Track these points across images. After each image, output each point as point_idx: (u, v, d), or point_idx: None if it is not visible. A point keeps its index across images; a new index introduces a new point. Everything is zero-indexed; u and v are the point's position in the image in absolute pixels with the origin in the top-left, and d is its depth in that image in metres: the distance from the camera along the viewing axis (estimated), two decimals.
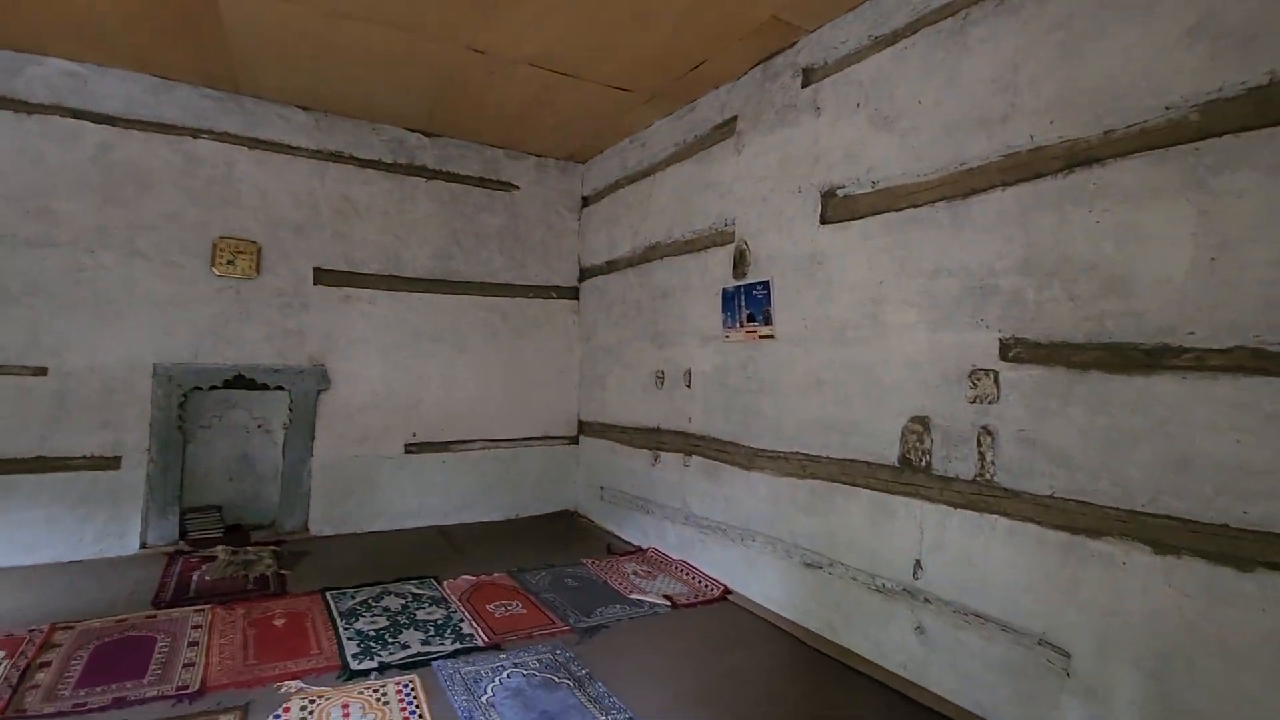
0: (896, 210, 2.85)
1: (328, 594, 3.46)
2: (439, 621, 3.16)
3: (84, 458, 3.90)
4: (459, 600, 3.44)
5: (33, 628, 2.92)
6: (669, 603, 3.48)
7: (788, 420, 3.37)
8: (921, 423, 2.69)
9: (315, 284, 4.58)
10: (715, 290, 3.95)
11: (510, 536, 4.75)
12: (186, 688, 2.49)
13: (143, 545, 4.02)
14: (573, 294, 5.60)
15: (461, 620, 3.19)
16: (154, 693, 2.45)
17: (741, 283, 3.72)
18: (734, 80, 3.88)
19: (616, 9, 3.14)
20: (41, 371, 3.83)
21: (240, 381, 4.33)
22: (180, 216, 4.18)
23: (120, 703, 2.38)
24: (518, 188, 5.39)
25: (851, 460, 3.00)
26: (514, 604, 3.44)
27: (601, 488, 5.11)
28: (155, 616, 3.13)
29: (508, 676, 2.65)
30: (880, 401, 2.88)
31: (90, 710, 2.33)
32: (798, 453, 3.29)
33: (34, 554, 3.77)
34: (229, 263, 4.30)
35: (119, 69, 4.04)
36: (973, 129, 2.55)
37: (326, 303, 4.61)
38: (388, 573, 3.82)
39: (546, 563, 4.11)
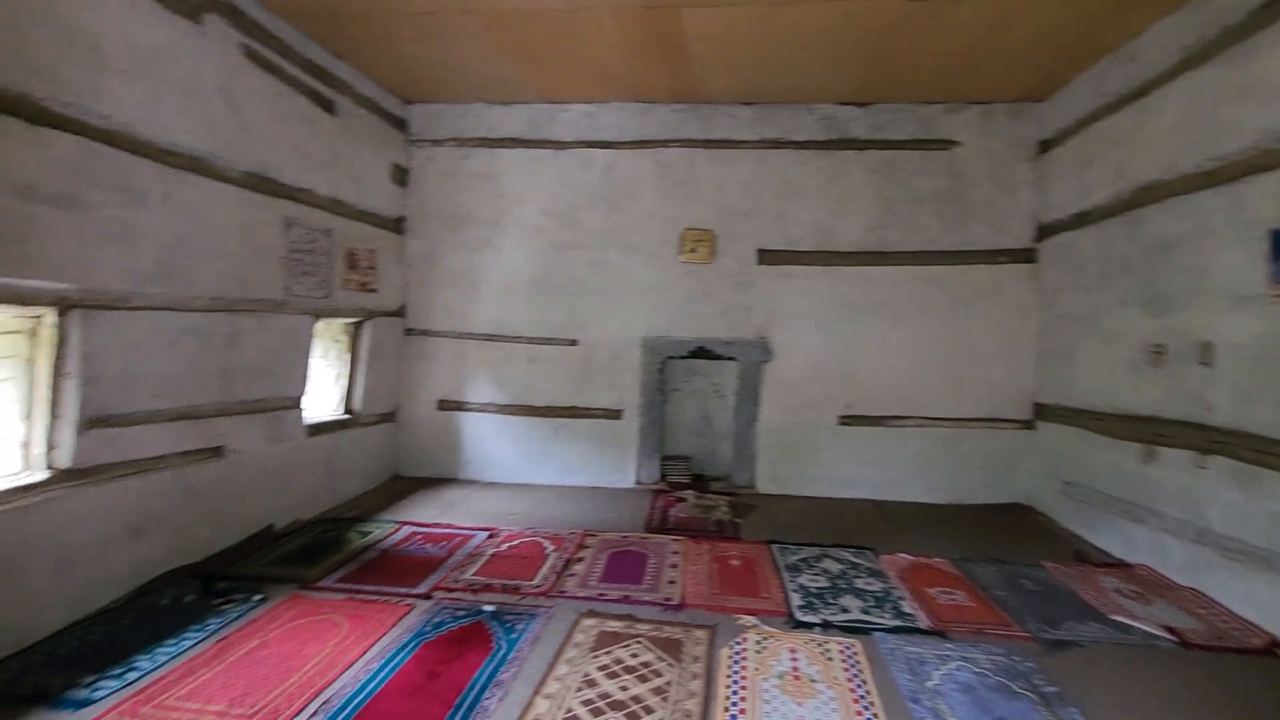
0: None
1: (773, 546, 3.81)
2: (878, 594, 3.17)
3: (600, 409, 5.12)
4: (897, 576, 3.39)
5: (572, 531, 3.99)
6: (1173, 637, 2.76)
7: None
8: None
9: (759, 263, 5.02)
10: (1256, 233, 2.90)
11: (951, 521, 4.43)
12: (670, 599, 3.06)
13: (637, 481, 5.09)
14: (1026, 256, 4.84)
15: (901, 598, 3.13)
16: (648, 597, 3.08)
17: None
18: None
19: None
20: (573, 343, 5.16)
21: (701, 352, 5.06)
22: (657, 215, 5.08)
23: (626, 599, 3.07)
24: (958, 144, 4.89)
25: None
26: (957, 593, 3.21)
27: (1067, 483, 4.34)
28: (646, 538, 3.92)
29: (956, 669, 2.49)
30: None
31: (608, 600, 3.06)
32: None
33: (572, 477, 5.14)
34: (691, 250, 5.04)
35: (616, 101, 5.08)
36: None
37: (769, 280, 5.02)
38: (825, 536, 3.99)
39: (994, 557, 3.71)
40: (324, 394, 4.60)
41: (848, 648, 2.64)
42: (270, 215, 3.68)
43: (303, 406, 4.07)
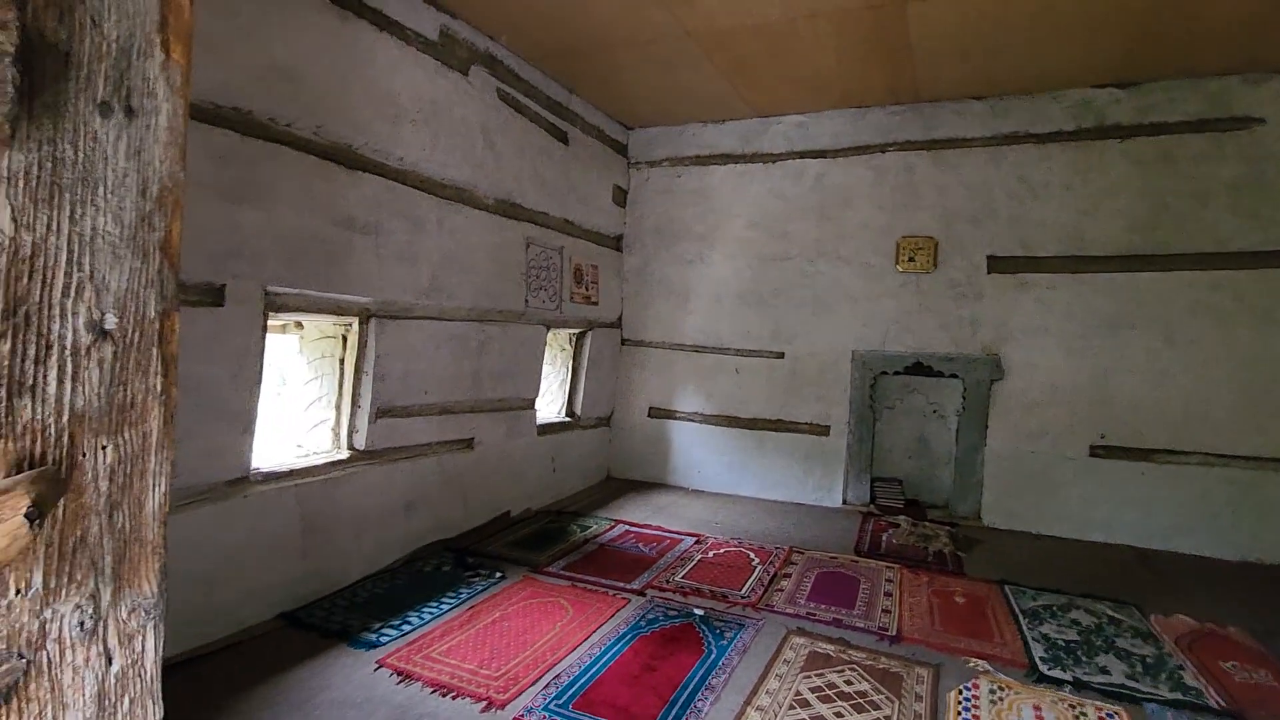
0: None
1: (1006, 587, 3.42)
2: (1148, 659, 2.69)
3: (806, 424, 5.00)
4: (1174, 643, 2.85)
5: (778, 546, 3.94)
6: None
7: None
8: None
9: (989, 272, 4.57)
10: None
11: (1245, 583, 3.63)
12: (886, 630, 2.89)
13: (844, 501, 4.88)
14: None
15: (1180, 668, 2.63)
16: (860, 624, 2.94)
17: None
18: None
19: None
20: (779, 355, 5.10)
21: (918, 368, 4.72)
22: (871, 223, 4.86)
23: (838, 623, 2.95)
24: (1261, 121, 4.03)
25: None
26: (1259, 672, 2.62)
27: None
28: (857, 562, 3.74)
29: None
30: None
31: (818, 620, 2.97)
32: None
33: (775, 491, 5.08)
34: (909, 259, 4.74)
35: (829, 110, 4.97)
36: None
37: (1000, 290, 4.54)
38: (1071, 583, 3.49)
39: None
40: (551, 397, 5.08)
41: (1110, 716, 2.28)
42: (514, 236, 4.17)
43: (536, 408, 4.53)
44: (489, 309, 3.96)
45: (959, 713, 2.27)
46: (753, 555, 3.76)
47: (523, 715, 2.17)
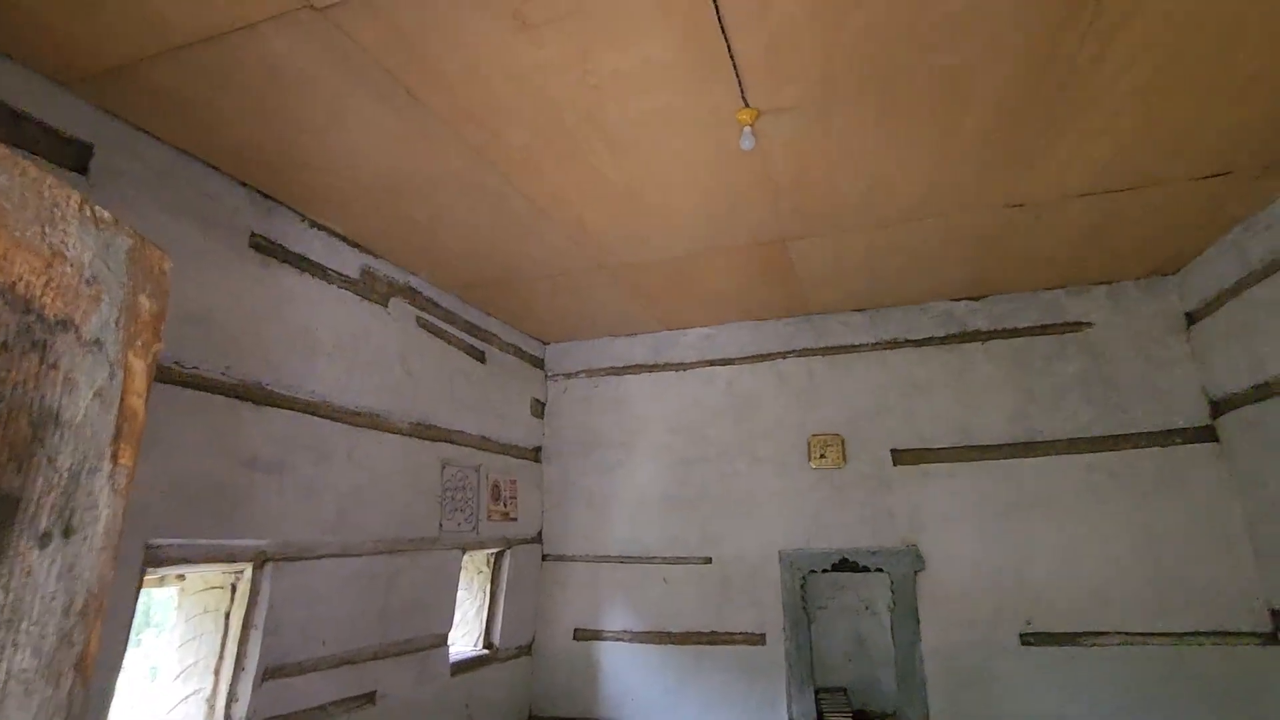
0: None
1: None
2: None
3: (741, 634, 4.77)
4: None
5: None
6: None
7: None
8: None
9: (895, 464, 4.81)
10: None
11: None
12: None
13: (789, 719, 4.52)
14: (1207, 435, 4.32)
15: None
16: None
17: None
18: None
19: (1181, 102, 2.67)
20: (707, 560, 4.99)
21: (844, 564, 4.71)
22: (782, 423, 5.11)
23: None
24: (1090, 324, 4.72)
25: None
26: None
27: None
28: None
29: None
30: None
31: None
32: None
33: (717, 712, 4.66)
34: (821, 456, 4.95)
35: (733, 322, 5.44)
36: None
37: (907, 481, 4.76)
38: None
39: None
40: (467, 627, 4.65)
41: None
42: (430, 458, 4.09)
43: (449, 643, 4.11)
44: (400, 538, 3.74)
45: None
46: None
47: None
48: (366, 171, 2.98)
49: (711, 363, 5.44)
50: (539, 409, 5.63)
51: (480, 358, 4.81)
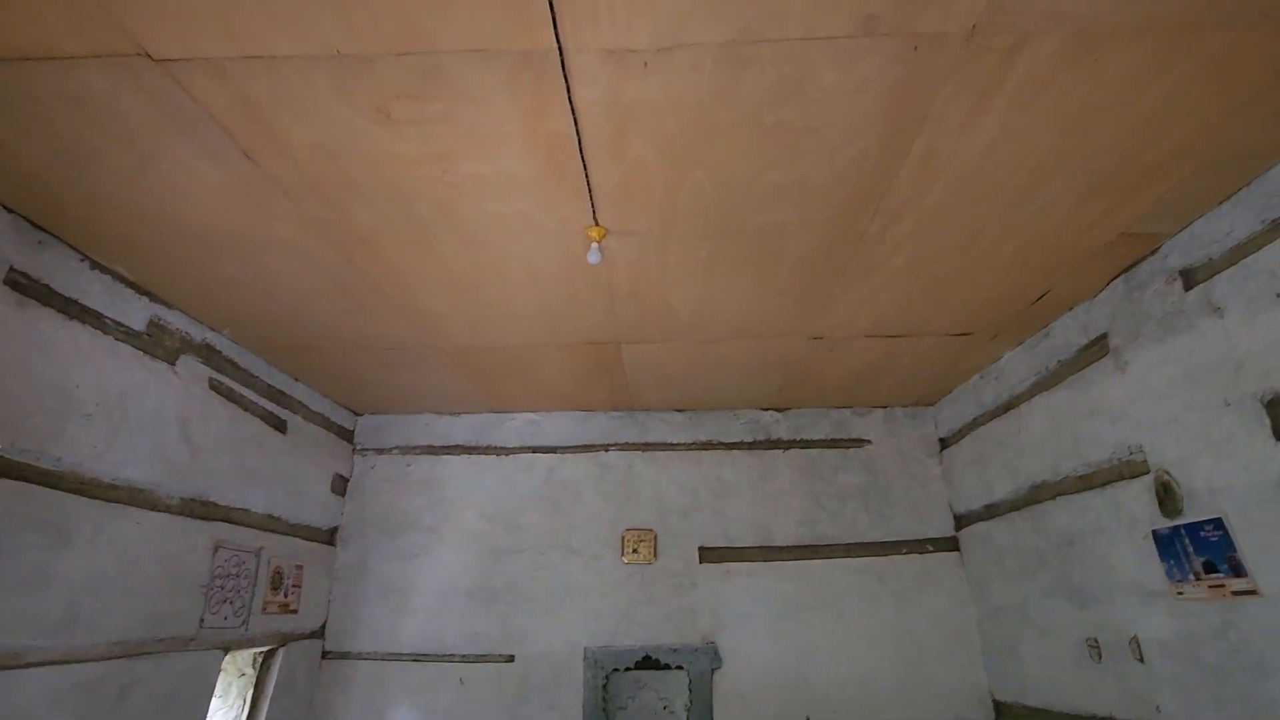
0: None
1: None
2: None
3: None
4: None
5: None
6: None
7: None
8: None
9: (701, 562, 5.04)
10: (1142, 533, 3.25)
11: None
12: None
13: None
14: (952, 545, 5.11)
15: None
16: None
17: (1179, 522, 3.01)
18: (1090, 299, 3.60)
19: (937, 276, 3.31)
20: (510, 659, 4.77)
21: (647, 662, 4.76)
22: (599, 516, 5.17)
23: None
24: (869, 441, 5.45)
25: None
26: None
27: None
28: None
29: None
30: None
31: None
32: None
33: None
34: (634, 551, 5.05)
35: (559, 411, 5.49)
36: None
37: (711, 579, 5.00)
38: None
39: None
40: None
41: None
42: (200, 540, 3.55)
43: None
44: (145, 639, 3.14)
45: None
46: None
47: None
48: (178, 222, 2.68)
49: (534, 449, 5.41)
50: (341, 485, 5.16)
51: (281, 427, 4.35)
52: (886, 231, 2.93)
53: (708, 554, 5.08)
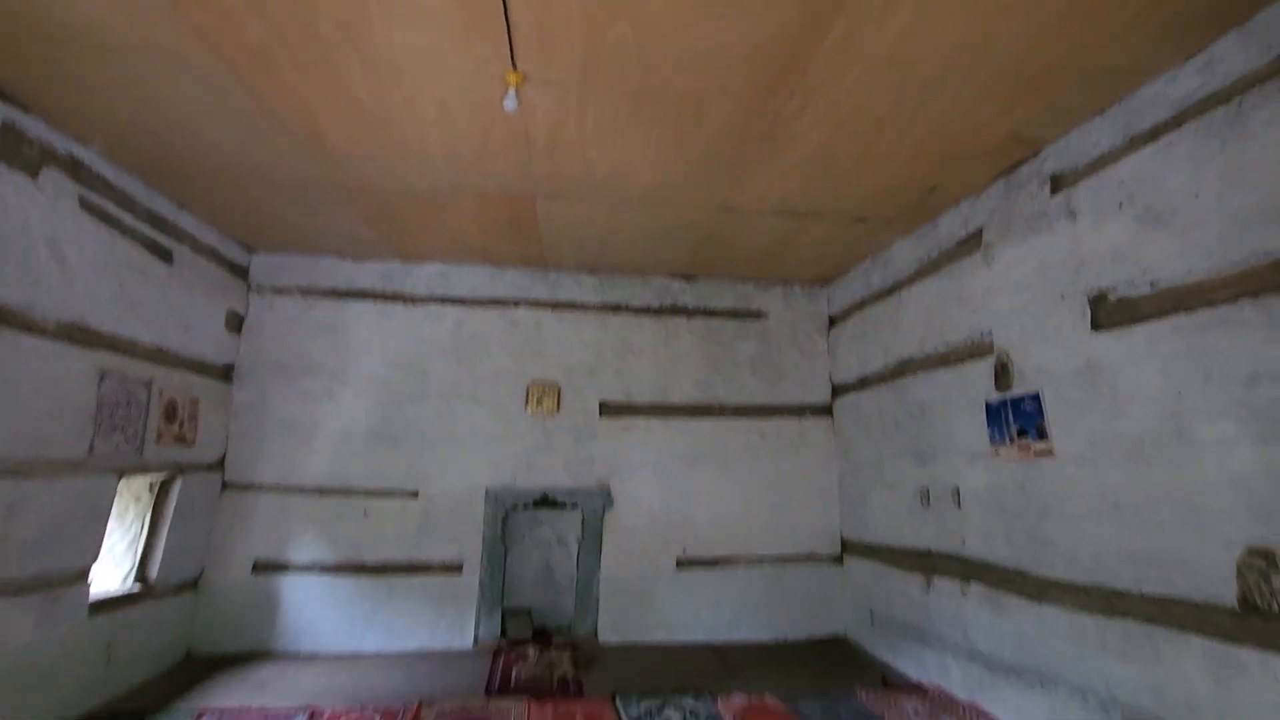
0: (1188, 311, 2.59)
1: (617, 700, 3.84)
2: None
3: (439, 564, 4.96)
4: (731, 717, 3.57)
5: (405, 703, 3.74)
6: None
7: (1083, 548, 3.03)
8: (1264, 556, 2.27)
9: (601, 416, 5.39)
10: (978, 404, 3.79)
11: (779, 658, 4.76)
12: None
13: (475, 641, 4.89)
14: (827, 411, 5.70)
15: None
16: None
17: (1007, 395, 3.54)
18: (975, 195, 3.90)
19: (845, 160, 3.47)
20: (414, 495, 5.05)
21: (545, 502, 5.19)
22: (506, 370, 5.34)
23: None
24: (767, 315, 5.81)
25: (1172, 599, 2.59)
26: None
27: (871, 612, 4.90)
28: (487, 704, 3.78)
29: None
30: (1201, 530, 2.49)
31: None
32: (1100, 586, 2.92)
33: (406, 640, 4.82)
34: (538, 403, 5.31)
35: (469, 264, 5.45)
36: (1275, 219, 2.28)
37: (609, 431, 5.38)
38: (667, 683, 4.11)
39: (818, 690, 4.05)
40: (114, 564, 4.05)
41: None
42: (83, 367, 3.42)
43: (90, 580, 3.56)
44: (29, 459, 3.10)
45: None
46: (378, 719, 3.50)
47: None
48: (27, 14, 2.34)
49: (443, 300, 5.40)
50: (236, 323, 5.00)
51: (166, 257, 4.10)
52: (804, 111, 3.00)
53: (608, 409, 5.43)
